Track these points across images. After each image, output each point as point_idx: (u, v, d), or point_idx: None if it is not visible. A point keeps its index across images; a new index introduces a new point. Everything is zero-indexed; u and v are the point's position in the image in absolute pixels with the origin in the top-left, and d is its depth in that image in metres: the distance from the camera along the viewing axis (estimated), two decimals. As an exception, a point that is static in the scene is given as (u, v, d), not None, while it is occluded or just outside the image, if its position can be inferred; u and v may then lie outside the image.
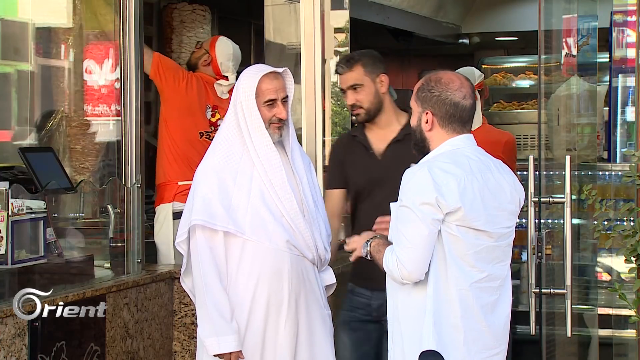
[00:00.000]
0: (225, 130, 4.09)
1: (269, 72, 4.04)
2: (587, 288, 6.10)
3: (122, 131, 5.17)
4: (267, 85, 4.01)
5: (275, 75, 4.05)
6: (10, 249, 4.31)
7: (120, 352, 4.73)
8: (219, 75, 6.09)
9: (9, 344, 4.07)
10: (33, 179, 4.55)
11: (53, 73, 5.44)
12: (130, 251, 5.12)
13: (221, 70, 6.08)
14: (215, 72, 6.09)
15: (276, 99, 4.02)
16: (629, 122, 6.21)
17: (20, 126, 5.45)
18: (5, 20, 5.30)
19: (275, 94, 4.01)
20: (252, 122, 4.01)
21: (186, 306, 5.13)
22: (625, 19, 5.99)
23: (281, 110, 4.02)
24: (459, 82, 3.60)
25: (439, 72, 3.64)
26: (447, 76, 3.61)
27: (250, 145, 4.02)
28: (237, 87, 4.09)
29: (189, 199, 4.07)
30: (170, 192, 5.83)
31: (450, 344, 3.48)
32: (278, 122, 4.03)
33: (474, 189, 3.50)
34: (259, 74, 4.02)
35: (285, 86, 4.06)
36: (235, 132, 4.05)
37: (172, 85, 5.86)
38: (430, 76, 3.63)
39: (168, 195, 5.83)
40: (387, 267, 3.55)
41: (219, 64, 6.08)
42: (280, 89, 4.03)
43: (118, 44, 5.18)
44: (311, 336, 4.13)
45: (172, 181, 5.83)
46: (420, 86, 3.63)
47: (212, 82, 6.06)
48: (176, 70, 5.94)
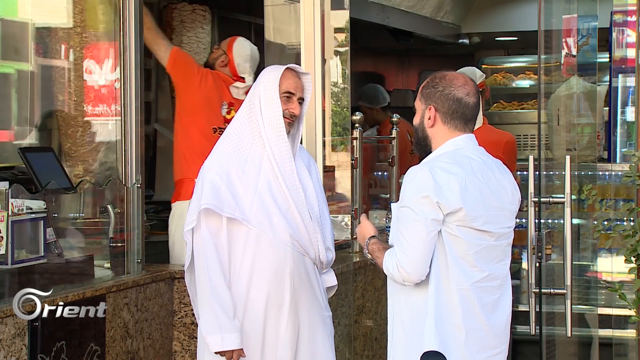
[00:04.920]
0: (236, 122, 4.17)
1: (293, 69, 4.16)
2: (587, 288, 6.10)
3: (122, 131, 5.16)
4: (288, 80, 4.12)
5: (297, 75, 4.17)
6: (10, 249, 4.31)
7: (120, 352, 4.73)
8: (236, 76, 5.99)
9: (9, 344, 4.07)
10: (33, 179, 4.54)
11: (53, 73, 5.43)
12: (130, 251, 5.12)
13: (238, 71, 5.99)
14: (233, 73, 6.01)
15: (294, 94, 4.12)
16: (629, 122, 6.21)
17: (20, 126, 5.45)
18: (5, 20, 5.30)
19: (295, 89, 4.12)
20: (269, 110, 4.08)
21: (186, 306, 5.13)
22: (625, 19, 6.00)
23: (296, 106, 4.11)
24: (463, 80, 3.63)
25: (444, 71, 3.67)
26: (452, 74, 3.66)
27: (264, 134, 4.08)
28: (258, 80, 4.19)
29: (197, 186, 4.09)
30: (188, 189, 5.75)
31: (451, 344, 3.48)
32: (290, 118, 4.11)
33: (475, 189, 3.51)
34: (283, 67, 4.15)
35: (304, 88, 4.16)
36: (246, 124, 4.12)
37: (186, 80, 5.81)
38: (435, 74, 3.67)
39: (185, 192, 5.76)
40: (388, 270, 3.56)
41: (236, 65, 5.99)
42: (299, 88, 4.15)
43: (118, 44, 5.18)
44: (312, 338, 4.13)
45: (190, 178, 5.77)
46: (425, 84, 3.66)
47: (229, 82, 6.01)
48: (191, 65, 5.89)
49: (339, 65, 6.19)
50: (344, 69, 6.20)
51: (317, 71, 5.90)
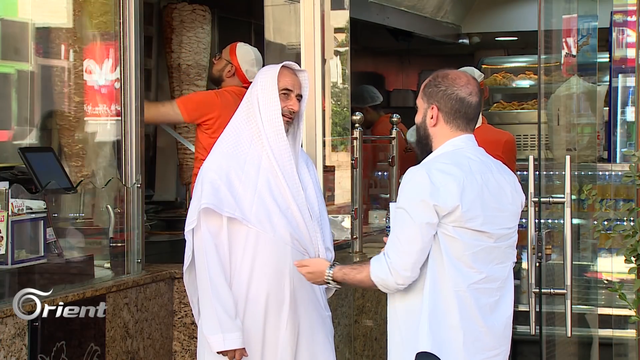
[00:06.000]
0: (234, 123, 4.16)
1: (289, 67, 4.16)
2: (587, 288, 6.11)
3: (122, 131, 5.16)
4: (285, 77, 4.13)
5: (294, 72, 4.17)
6: (10, 249, 4.31)
7: (120, 352, 4.73)
8: (246, 83, 5.75)
9: (9, 344, 4.07)
10: (33, 179, 4.54)
11: (53, 73, 5.43)
12: (130, 251, 5.12)
13: (247, 77, 5.81)
14: (242, 81, 5.85)
15: (292, 91, 4.12)
16: (629, 122, 6.21)
17: (20, 126, 5.45)
18: (5, 20, 5.30)
19: (292, 87, 4.12)
20: (267, 109, 4.08)
21: (186, 306, 5.13)
22: (625, 19, 6.00)
23: (294, 103, 4.12)
24: (466, 79, 3.61)
25: (446, 70, 3.66)
26: (455, 73, 3.64)
27: (264, 133, 4.08)
28: (255, 80, 4.19)
29: (196, 186, 4.09)
30: None
31: (448, 345, 3.48)
32: (289, 115, 4.11)
33: (473, 189, 3.50)
34: (279, 65, 4.15)
35: (302, 85, 4.17)
36: (244, 124, 4.12)
37: (210, 114, 5.65)
38: (437, 73, 3.65)
39: None
40: (378, 277, 3.53)
41: (244, 72, 5.85)
42: (297, 85, 4.15)
43: (118, 44, 5.18)
44: (312, 337, 4.13)
45: None
46: (427, 83, 3.65)
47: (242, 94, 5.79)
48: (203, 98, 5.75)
49: (339, 65, 6.19)
50: (344, 69, 6.20)
51: (317, 71, 5.90)
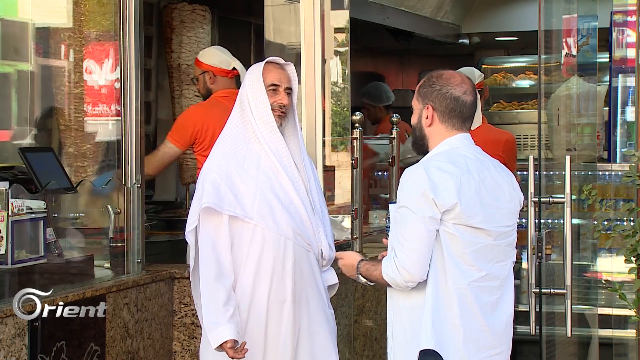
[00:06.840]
0: (230, 124, 4.17)
1: (273, 62, 4.17)
2: (587, 288, 6.11)
3: (122, 131, 5.16)
4: (270, 73, 4.13)
5: (279, 67, 4.17)
6: (10, 249, 4.31)
7: (120, 352, 4.73)
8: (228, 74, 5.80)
9: (9, 344, 4.07)
10: (33, 179, 4.54)
11: (53, 73, 5.43)
12: (130, 251, 5.12)
13: (224, 67, 5.81)
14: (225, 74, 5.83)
15: (279, 85, 4.11)
16: (629, 122, 6.21)
17: (20, 126, 5.45)
18: (5, 20, 5.30)
19: (279, 81, 4.12)
20: (257, 106, 4.09)
21: (186, 306, 5.13)
22: (625, 19, 6.00)
23: (283, 97, 4.11)
24: (460, 78, 3.64)
25: (440, 70, 3.67)
26: (449, 73, 3.66)
27: (258, 131, 4.09)
28: (244, 80, 4.20)
29: (197, 187, 4.10)
30: None
31: (449, 343, 3.48)
32: (280, 109, 4.10)
33: (470, 187, 3.51)
34: (263, 62, 4.16)
35: (289, 78, 4.16)
36: (240, 124, 4.13)
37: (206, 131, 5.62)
38: (432, 73, 3.68)
39: None
40: (388, 276, 3.56)
41: (219, 64, 5.84)
42: (285, 79, 4.14)
43: (118, 44, 5.18)
44: (313, 334, 4.13)
45: None
46: (422, 83, 3.67)
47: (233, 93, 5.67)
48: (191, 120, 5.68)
49: (339, 65, 6.19)
50: (344, 69, 6.20)
51: (317, 71, 5.90)
